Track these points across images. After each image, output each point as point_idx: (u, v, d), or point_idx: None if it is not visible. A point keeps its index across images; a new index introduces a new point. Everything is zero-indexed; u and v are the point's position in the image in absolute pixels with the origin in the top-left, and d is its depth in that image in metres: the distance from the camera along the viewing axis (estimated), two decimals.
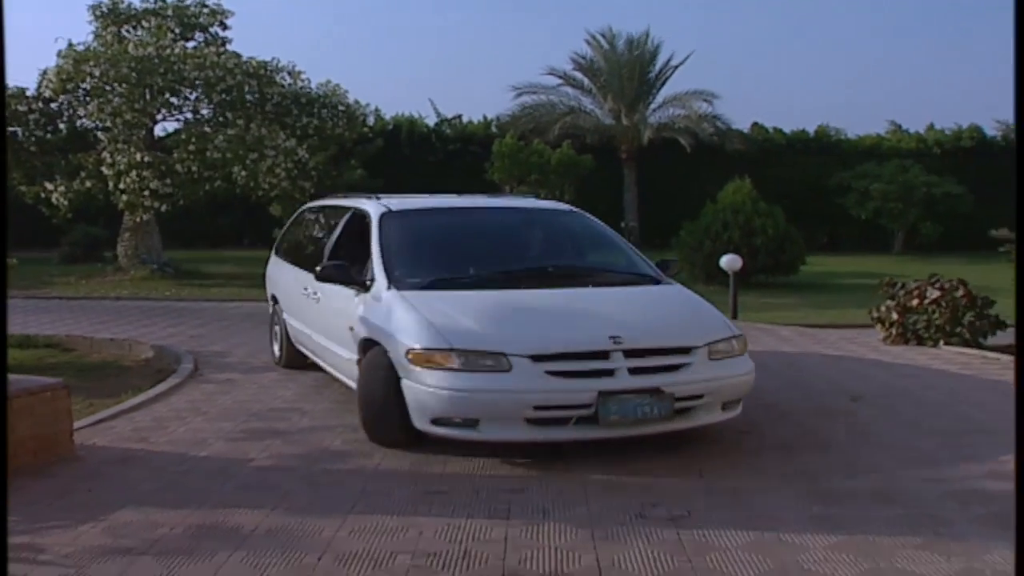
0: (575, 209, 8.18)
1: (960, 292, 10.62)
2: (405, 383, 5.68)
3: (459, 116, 27.78)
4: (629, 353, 5.60)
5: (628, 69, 26.75)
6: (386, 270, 6.45)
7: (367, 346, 6.20)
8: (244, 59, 17.52)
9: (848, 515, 4.80)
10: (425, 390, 5.53)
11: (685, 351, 5.80)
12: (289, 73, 18.14)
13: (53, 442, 5.79)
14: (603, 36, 27.27)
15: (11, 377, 5.93)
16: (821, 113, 53.24)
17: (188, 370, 8.73)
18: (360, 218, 7.39)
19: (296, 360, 8.59)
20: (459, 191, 9.34)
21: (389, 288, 6.27)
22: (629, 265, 7.17)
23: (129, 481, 5.37)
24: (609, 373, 5.55)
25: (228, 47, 18.43)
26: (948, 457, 5.91)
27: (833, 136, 27.82)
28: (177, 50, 16.67)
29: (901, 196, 24.44)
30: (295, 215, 10.14)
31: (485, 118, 27.90)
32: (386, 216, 7.08)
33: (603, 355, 5.58)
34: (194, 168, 16.59)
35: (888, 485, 5.33)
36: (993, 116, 30.65)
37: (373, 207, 7.27)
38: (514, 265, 6.95)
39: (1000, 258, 18.66)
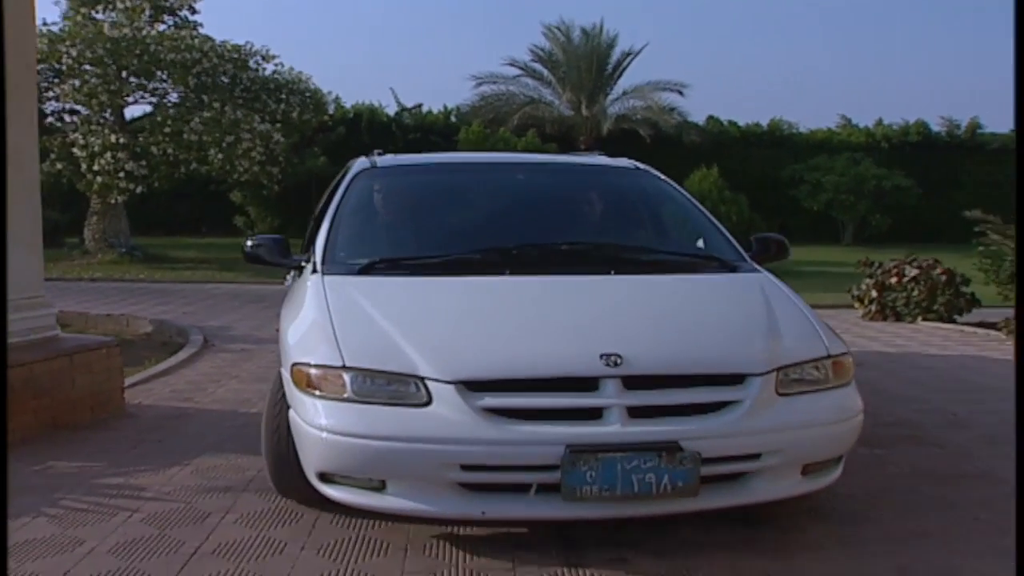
0: (641, 166, 5.72)
1: (939, 270, 11.11)
2: (291, 416, 3.83)
3: (419, 105, 27.88)
4: (632, 382, 3.49)
5: (586, 61, 27.11)
6: (327, 246, 4.57)
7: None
8: (218, 43, 17.47)
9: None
10: (306, 430, 3.61)
11: (734, 380, 3.61)
12: (263, 57, 18.14)
13: (108, 398, 5.91)
14: (559, 28, 27.60)
15: (66, 336, 6.05)
16: (774, 107, 54.25)
17: (199, 341, 8.84)
18: (342, 178, 5.39)
19: None
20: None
21: (315, 271, 4.41)
22: (700, 244, 4.98)
23: (193, 433, 5.51)
24: (593, 414, 3.44)
25: (199, 31, 18.33)
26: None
27: (786, 130, 28.45)
28: (153, 32, 16.57)
29: (852, 188, 25.11)
30: None
31: (445, 108, 28.07)
32: (365, 172, 5.24)
33: (589, 384, 3.49)
34: (170, 150, 16.53)
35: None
36: (938, 113, 31.72)
37: (358, 162, 5.43)
38: (513, 241, 4.67)
39: (949, 248, 19.35)
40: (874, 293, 11.39)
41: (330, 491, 3.67)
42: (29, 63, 5.80)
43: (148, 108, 18.38)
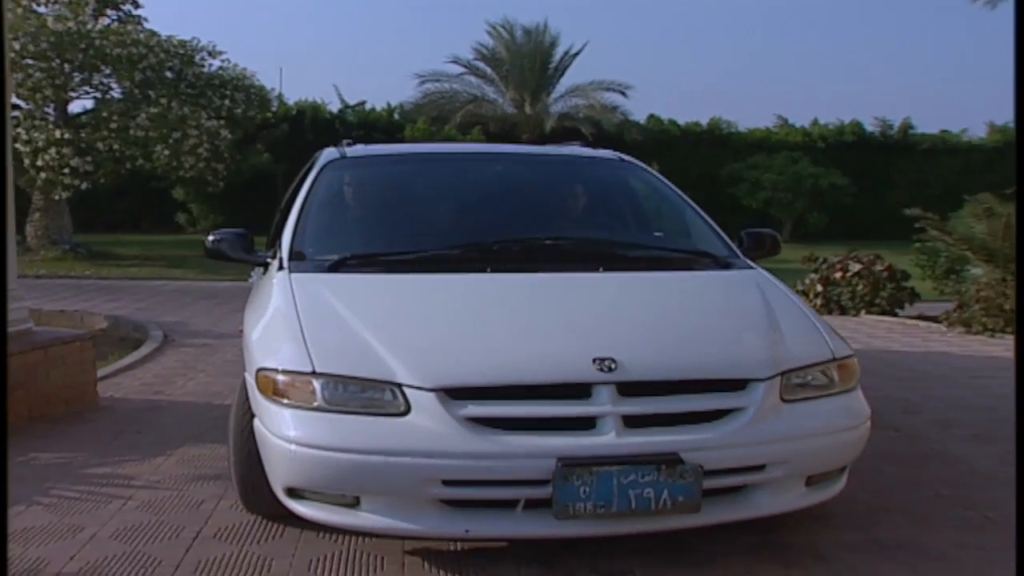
0: (626, 158, 5.47)
1: (880, 266, 11.48)
2: (256, 425, 3.54)
3: (363, 103, 27.84)
4: (628, 389, 3.25)
5: (529, 59, 27.30)
6: (294, 241, 4.28)
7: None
8: (164, 38, 17.32)
9: None
10: (272, 441, 3.33)
11: (736, 386, 3.38)
12: (209, 53, 18.02)
13: (81, 391, 5.93)
14: (503, 27, 27.77)
15: (38, 329, 6.04)
16: (714, 107, 55.00)
17: (159, 337, 8.81)
18: (310, 170, 5.05)
19: None
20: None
21: (281, 267, 4.10)
22: (695, 237, 4.71)
23: (170, 425, 5.55)
24: (586, 424, 3.21)
25: (144, 25, 18.15)
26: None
27: (725, 129, 28.90)
28: (98, 26, 16.37)
29: (790, 187, 25.62)
30: None
31: (389, 105, 28.03)
32: (334, 163, 4.94)
33: (581, 391, 3.25)
34: (116, 146, 16.35)
35: None
36: (872, 113, 32.50)
37: (326, 153, 5.13)
38: (494, 236, 4.39)
39: (883, 246, 19.89)
40: (819, 287, 11.73)
41: (299, 507, 3.38)
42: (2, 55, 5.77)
43: (90, 103, 18.15)
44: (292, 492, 3.38)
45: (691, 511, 3.19)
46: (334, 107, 27.65)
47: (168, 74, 17.47)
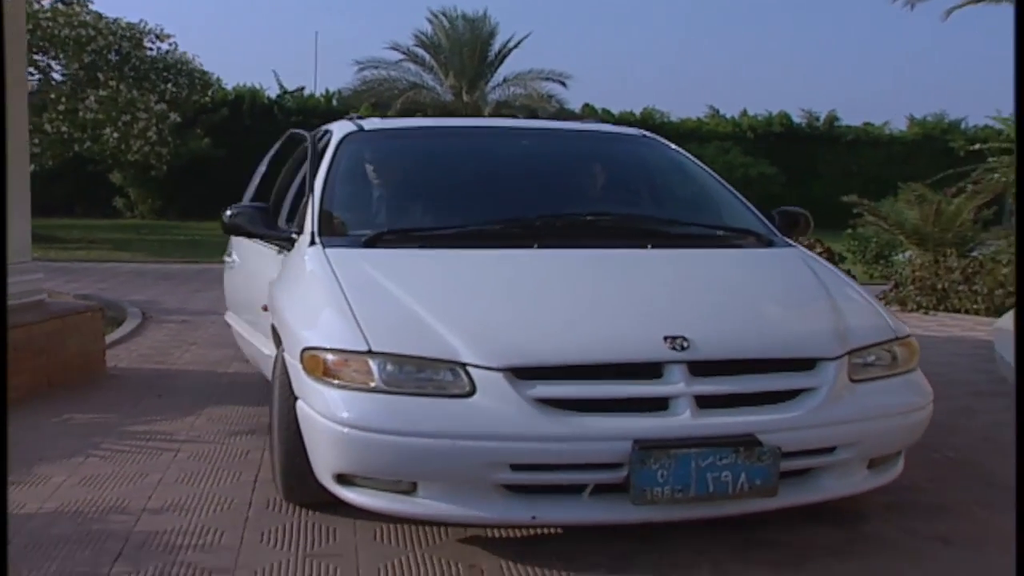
0: (648, 135, 5.33)
1: (820, 249, 12.12)
2: (299, 407, 3.36)
3: (302, 88, 27.88)
4: (700, 368, 3.17)
5: (469, 47, 27.59)
6: (320, 216, 4.08)
7: (278, 339, 3.92)
8: (111, 20, 17.28)
9: None
10: (323, 425, 3.17)
11: (807, 365, 3.31)
12: (157, 36, 18.01)
13: (92, 360, 6.18)
14: (444, 15, 28.01)
15: (52, 301, 6.27)
16: (647, 97, 55.77)
17: (138, 313, 9.01)
18: (323, 148, 4.74)
19: None
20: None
21: (313, 243, 3.93)
22: (727, 216, 4.55)
23: (187, 388, 5.84)
24: (660, 405, 3.12)
25: (90, 7, 18.05)
26: None
27: (658, 119, 29.50)
28: (46, 5, 16.28)
29: (722, 176, 26.25)
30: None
31: (327, 91, 28.14)
32: (350, 138, 4.68)
33: (652, 370, 3.16)
34: (64, 128, 16.28)
35: None
36: (799, 105, 33.50)
37: (340, 126, 4.91)
38: (527, 212, 4.25)
39: (811, 234, 20.74)
40: None
41: (349, 495, 3.23)
42: (20, 29, 5.99)
43: (34, 85, 17.98)
44: (342, 478, 3.23)
45: (768, 495, 3.12)
46: (272, 92, 27.64)
47: (113, 56, 17.41)
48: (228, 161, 22.12)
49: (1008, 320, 8.11)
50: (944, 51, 48.76)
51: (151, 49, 18.04)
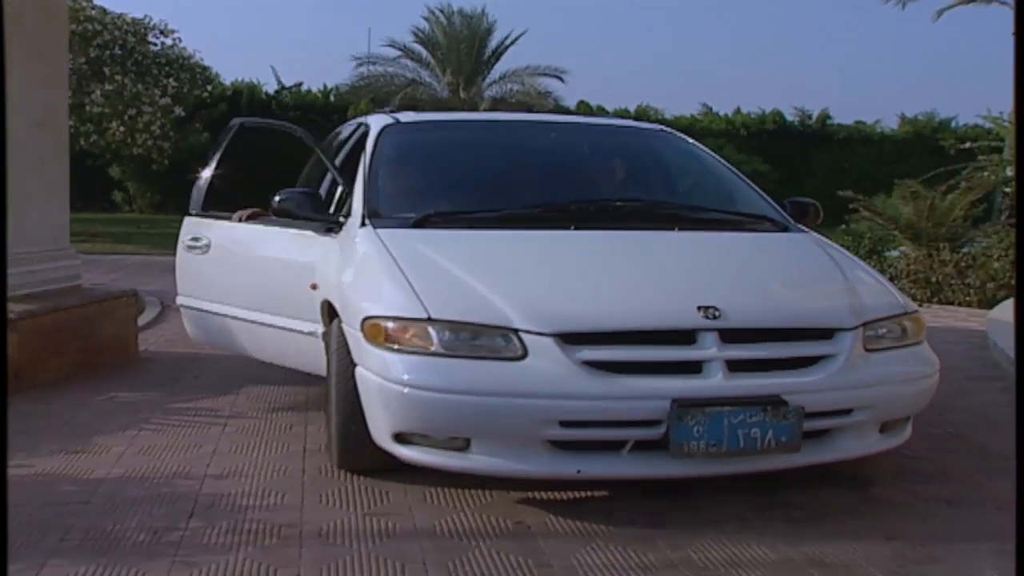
0: (667, 129, 5.75)
1: None
2: (359, 372, 3.65)
3: (299, 84, 28.05)
4: (730, 336, 3.47)
5: (466, 44, 27.83)
6: (366, 200, 4.38)
7: (331, 315, 4.19)
8: (116, 15, 17.49)
9: None
10: (384, 386, 3.45)
11: (825, 335, 3.63)
12: (162, 32, 18.23)
13: (126, 343, 6.46)
14: (441, 11, 28.26)
15: (88, 287, 6.52)
16: (642, 94, 56.17)
17: (156, 302, 9.28)
18: (362, 136, 5.11)
19: None
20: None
21: (363, 224, 4.23)
22: (744, 204, 4.84)
23: (222, 370, 6.08)
24: (694, 368, 3.42)
25: (95, 2, 18.27)
26: None
27: (652, 116, 29.76)
28: None
29: None
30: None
31: (325, 87, 28.32)
32: (389, 129, 4.98)
33: (686, 337, 3.46)
34: (71, 122, 16.46)
35: None
36: (792, 103, 33.77)
37: (378, 119, 5.21)
38: (560, 198, 4.61)
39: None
40: None
41: (406, 452, 3.50)
42: (62, 25, 6.23)
43: None
44: (400, 437, 3.49)
45: (792, 451, 3.42)
46: (270, 88, 27.83)
47: (117, 51, 17.62)
48: (228, 155, 22.35)
49: (1000, 311, 8.44)
50: (935, 51, 49.30)
51: (155, 44, 18.24)
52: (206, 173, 5.86)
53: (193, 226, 5.57)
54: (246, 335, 5.22)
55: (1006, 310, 8.51)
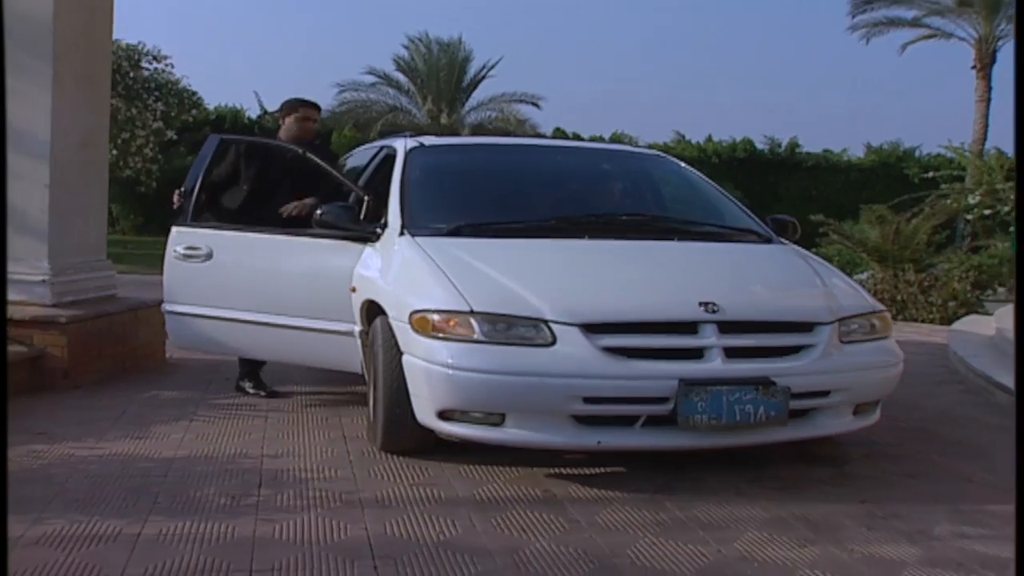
0: (662, 154, 6.56)
1: None
2: (406, 359, 4.19)
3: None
4: (727, 327, 4.05)
5: (445, 72, 28.50)
6: (403, 212, 4.92)
7: (372, 313, 4.74)
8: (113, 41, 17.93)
9: None
10: (431, 369, 4.00)
11: (806, 328, 4.22)
12: (155, 57, 18.70)
13: (156, 350, 6.93)
14: (420, 40, 28.92)
15: (122, 297, 7.00)
16: (616, 121, 57.07)
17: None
18: (386, 157, 5.75)
19: None
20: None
21: (402, 233, 4.78)
22: (731, 219, 5.47)
23: None
24: (697, 354, 4.01)
25: None
26: None
27: (626, 143, 30.53)
28: None
29: None
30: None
31: None
32: (416, 151, 5.51)
33: (689, 328, 4.05)
34: None
35: None
36: (762, 132, 34.58)
37: (402, 142, 5.71)
38: (574, 212, 5.31)
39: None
40: None
41: (449, 427, 4.05)
42: (106, 53, 6.74)
43: None
44: (443, 415, 4.03)
45: (780, 425, 4.01)
46: (253, 113, 28.34)
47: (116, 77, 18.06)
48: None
49: (959, 324, 9.11)
50: (900, 82, 50.56)
51: (147, 70, 18.71)
52: (193, 186, 5.88)
53: (187, 236, 5.66)
54: (266, 338, 5.47)
55: (966, 324, 9.18)
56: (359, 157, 7.08)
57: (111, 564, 3.10)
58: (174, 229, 5.69)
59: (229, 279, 5.61)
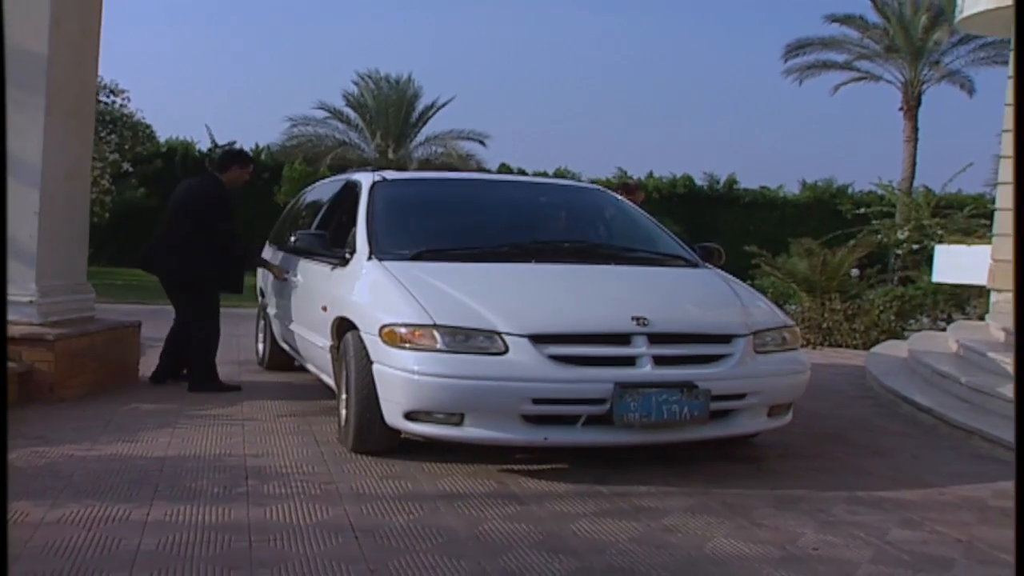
0: (601, 188, 7.41)
1: None
2: (376, 368, 4.71)
3: (233, 143, 28.87)
4: (656, 339, 4.63)
5: (394, 108, 29.11)
6: (369, 240, 5.48)
7: (343, 328, 5.29)
8: None
9: None
10: (399, 375, 4.55)
11: (725, 339, 4.84)
12: (112, 91, 19.06)
13: (130, 368, 7.37)
14: (371, 77, 29.56)
15: (100, 317, 7.44)
16: (560, 157, 58.07)
17: None
18: (351, 189, 6.44)
19: (279, 361, 7.97)
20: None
21: (370, 258, 5.33)
22: (662, 247, 6.09)
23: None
24: (629, 361, 4.59)
25: None
26: None
27: (570, 177, 31.37)
28: None
29: None
30: (295, 198, 9.33)
31: (257, 146, 29.25)
32: (379, 184, 6.10)
33: (623, 339, 4.63)
34: None
35: None
36: (701, 168, 35.63)
37: (366, 176, 6.33)
38: (523, 239, 5.86)
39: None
40: None
41: (415, 427, 4.63)
42: (91, 92, 7.23)
43: None
44: (409, 415, 4.60)
45: (701, 423, 4.64)
46: (203, 146, 28.70)
47: None
48: (159, 211, 22.98)
49: (877, 348, 9.86)
50: (833, 121, 52.31)
51: (105, 103, 19.06)
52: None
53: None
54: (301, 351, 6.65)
55: (883, 348, 9.94)
56: (322, 190, 7.85)
57: (127, 538, 3.59)
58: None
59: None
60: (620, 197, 7.02)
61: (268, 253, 8.22)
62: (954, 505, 4.48)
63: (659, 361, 4.63)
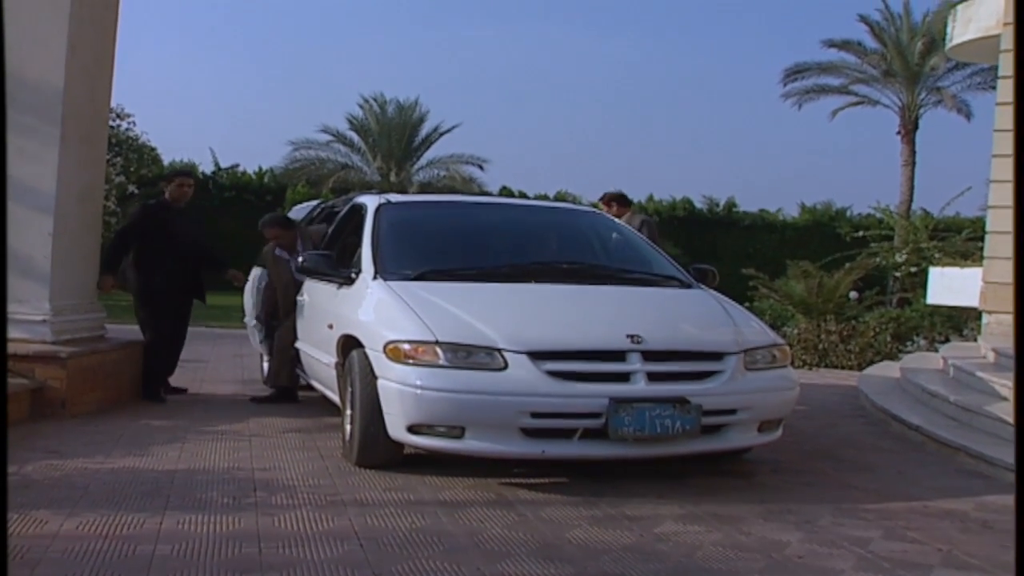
0: (598, 211, 7.65)
1: None
2: (381, 383, 4.89)
3: (236, 166, 29.22)
4: (649, 356, 4.82)
5: (397, 132, 29.46)
6: (374, 260, 5.68)
7: (348, 346, 5.48)
8: None
9: None
10: (403, 390, 4.72)
11: (716, 357, 5.02)
12: (118, 115, 19.30)
13: (137, 385, 7.53)
14: (375, 100, 29.90)
15: (110, 336, 7.63)
16: (560, 180, 58.49)
17: None
18: (357, 211, 6.66)
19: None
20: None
21: (375, 278, 5.52)
22: (657, 268, 6.27)
23: (222, 405, 7.35)
24: (624, 377, 4.77)
25: None
26: None
27: (571, 202, 31.57)
28: None
29: None
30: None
31: (260, 169, 29.53)
32: (384, 207, 6.32)
33: (618, 356, 4.82)
34: None
35: None
36: (701, 191, 35.82)
37: (371, 199, 6.59)
38: (522, 260, 6.05)
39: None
40: None
41: (417, 440, 4.80)
42: (104, 118, 7.46)
43: None
44: (412, 428, 4.76)
45: (693, 437, 4.80)
46: (207, 168, 28.95)
47: None
48: None
49: (870, 369, 10.03)
50: (832, 145, 52.67)
51: (112, 127, 19.31)
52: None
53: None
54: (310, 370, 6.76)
55: (877, 368, 10.12)
56: (336, 209, 7.90)
57: (143, 545, 3.76)
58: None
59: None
60: (614, 219, 7.28)
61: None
62: (936, 517, 4.65)
63: (653, 377, 4.80)
